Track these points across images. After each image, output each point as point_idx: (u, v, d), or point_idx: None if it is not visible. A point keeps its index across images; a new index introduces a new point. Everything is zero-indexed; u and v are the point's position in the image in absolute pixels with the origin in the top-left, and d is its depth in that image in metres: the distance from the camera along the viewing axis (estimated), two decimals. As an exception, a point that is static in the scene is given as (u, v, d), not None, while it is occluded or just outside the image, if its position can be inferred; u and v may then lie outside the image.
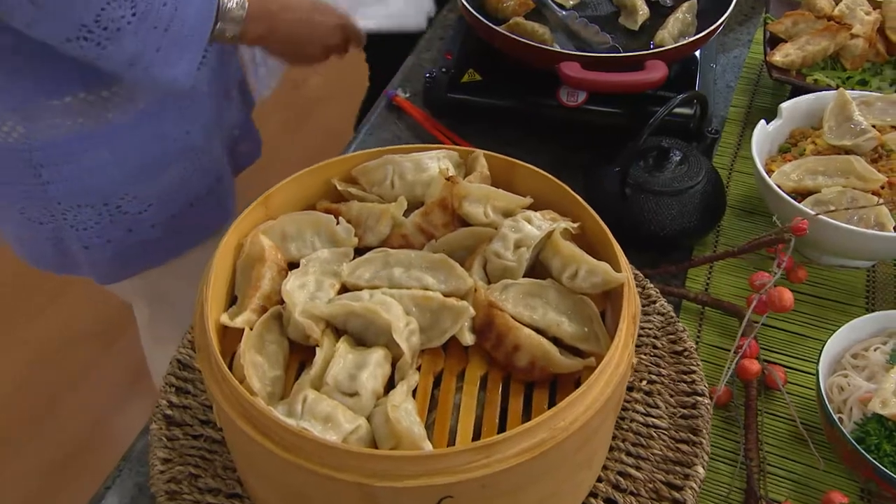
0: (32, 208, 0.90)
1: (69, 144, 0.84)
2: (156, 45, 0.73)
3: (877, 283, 0.91)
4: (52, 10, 0.67)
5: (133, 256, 0.97)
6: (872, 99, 0.92)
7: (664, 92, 1.02)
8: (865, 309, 0.88)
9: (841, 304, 0.89)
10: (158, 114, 0.89)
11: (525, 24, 1.04)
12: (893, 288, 0.90)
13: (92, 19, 0.68)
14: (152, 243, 0.97)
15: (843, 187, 0.83)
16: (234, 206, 1.10)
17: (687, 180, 0.91)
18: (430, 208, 0.63)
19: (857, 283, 0.90)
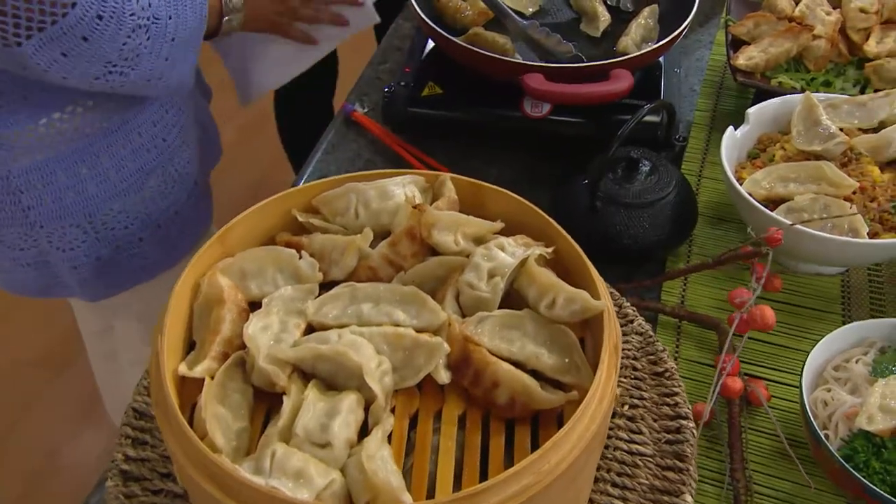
0: (11, 235, 0.90)
1: (47, 166, 0.84)
2: (166, 56, 0.78)
3: (851, 287, 0.91)
4: (83, 59, 0.72)
5: (124, 272, 0.97)
6: (839, 101, 0.93)
7: (630, 100, 1.02)
8: (842, 315, 0.88)
9: (818, 312, 0.89)
10: (133, 125, 0.89)
11: (485, 34, 1.03)
12: (868, 292, 0.90)
13: (116, 55, 0.73)
14: (142, 257, 0.97)
15: (815, 194, 0.83)
16: (212, 208, 1.10)
17: (657, 191, 0.91)
18: (397, 238, 0.60)
19: (832, 289, 0.91)
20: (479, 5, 1.06)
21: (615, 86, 0.89)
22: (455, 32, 1.07)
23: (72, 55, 0.70)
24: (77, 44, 0.70)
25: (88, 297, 0.99)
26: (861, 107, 0.92)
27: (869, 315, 0.88)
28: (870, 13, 1.03)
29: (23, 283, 0.96)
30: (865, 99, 0.92)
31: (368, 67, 1.28)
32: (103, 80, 0.75)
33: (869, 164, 0.86)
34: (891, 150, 0.86)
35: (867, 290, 0.90)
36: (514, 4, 1.12)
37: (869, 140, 0.87)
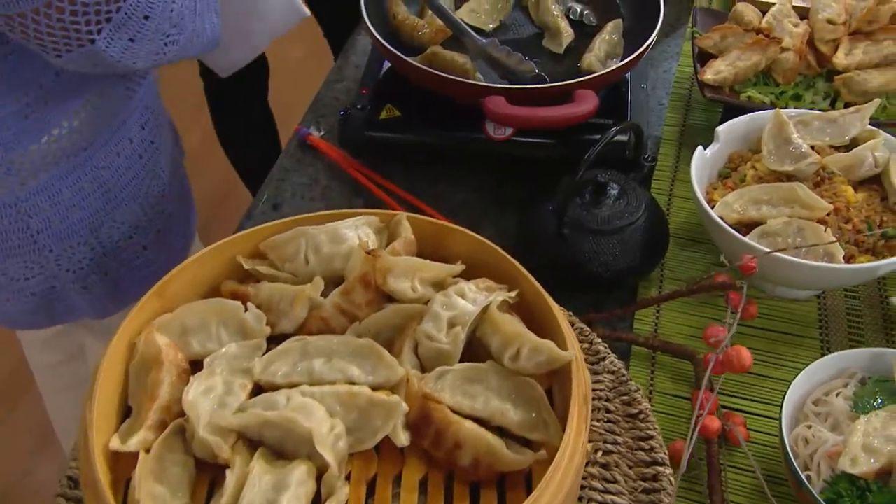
0: (17, 266, 0.88)
1: (53, 185, 0.84)
2: (195, 9, 0.76)
3: (829, 311, 0.89)
4: (146, 39, 0.71)
5: (132, 283, 0.97)
6: (810, 118, 0.91)
7: (597, 119, 0.99)
8: (820, 340, 0.86)
9: (795, 338, 0.87)
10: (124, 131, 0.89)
11: (443, 53, 1.00)
12: (846, 315, 0.89)
13: (168, 24, 0.72)
14: (146, 266, 0.98)
15: (788, 217, 0.81)
16: (195, 207, 1.11)
17: (626, 216, 0.88)
18: (350, 286, 0.57)
19: (808, 313, 0.89)
20: (437, 23, 1.04)
21: (580, 108, 0.87)
22: (412, 51, 1.05)
23: (138, 38, 0.71)
24: (141, 25, 0.70)
25: (99, 315, 0.99)
26: (832, 123, 0.90)
27: (847, 338, 0.87)
28: (837, 24, 1.02)
29: (24, 316, 0.95)
30: (836, 115, 0.90)
31: (325, 87, 1.24)
32: (162, 55, 0.75)
33: (842, 183, 0.85)
34: (864, 169, 0.85)
35: (844, 313, 0.89)
36: (474, 21, 1.09)
37: (841, 159, 0.85)
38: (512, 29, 1.13)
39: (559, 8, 1.08)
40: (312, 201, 1.05)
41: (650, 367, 0.85)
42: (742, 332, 0.87)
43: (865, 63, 1.00)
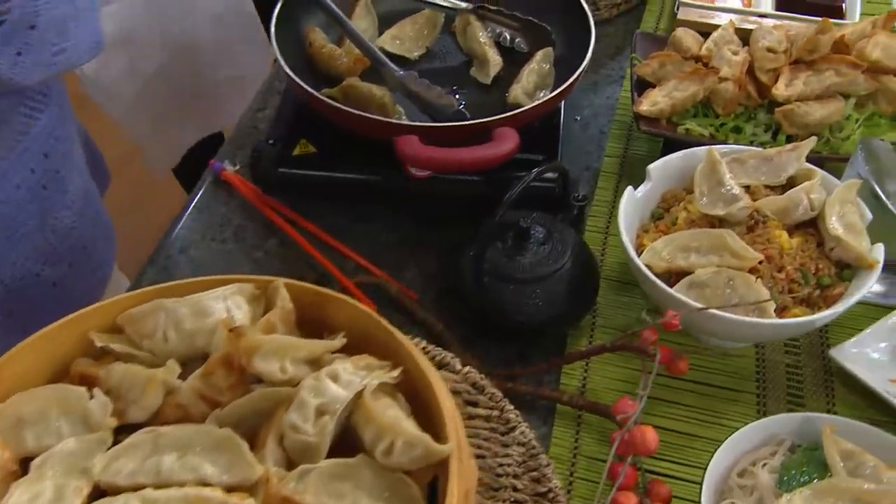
0: None
1: None
2: (76, 14, 0.73)
3: (767, 363, 0.85)
4: (34, 50, 0.69)
5: (43, 325, 0.92)
6: (745, 156, 0.88)
7: (524, 154, 0.95)
8: (756, 395, 0.82)
9: (731, 392, 0.83)
10: (24, 156, 0.84)
11: (360, 86, 0.95)
12: (785, 366, 0.85)
13: (54, 32, 0.70)
14: (57, 303, 0.92)
15: (717, 267, 0.77)
16: (114, 242, 1.09)
17: (551, 263, 0.84)
18: (210, 368, 0.52)
19: (746, 365, 0.85)
20: (355, 52, 0.99)
21: (498, 149, 0.83)
22: (330, 81, 1.00)
23: (25, 50, 0.69)
24: (27, 36, 0.68)
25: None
26: (768, 161, 0.87)
27: (785, 393, 0.83)
28: (778, 52, 0.99)
29: None
30: (772, 153, 0.87)
31: (245, 115, 1.19)
32: (53, 66, 0.73)
33: (776, 228, 0.81)
34: (799, 213, 0.81)
35: (783, 365, 0.85)
36: (397, 49, 1.05)
37: (775, 202, 0.81)
38: (440, 56, 1.08)
39: (487, 35, 1.04)
40: (223, 243, 1.00)
41: (576, 427, 0.81)
42: (673, 386, 0.83)
43: (807, 94, 0.96)
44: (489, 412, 0.68)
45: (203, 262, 0.96)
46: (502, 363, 0.87)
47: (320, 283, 0.68)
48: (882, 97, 0.97)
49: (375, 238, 1.00)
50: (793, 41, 1.00)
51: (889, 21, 1.02)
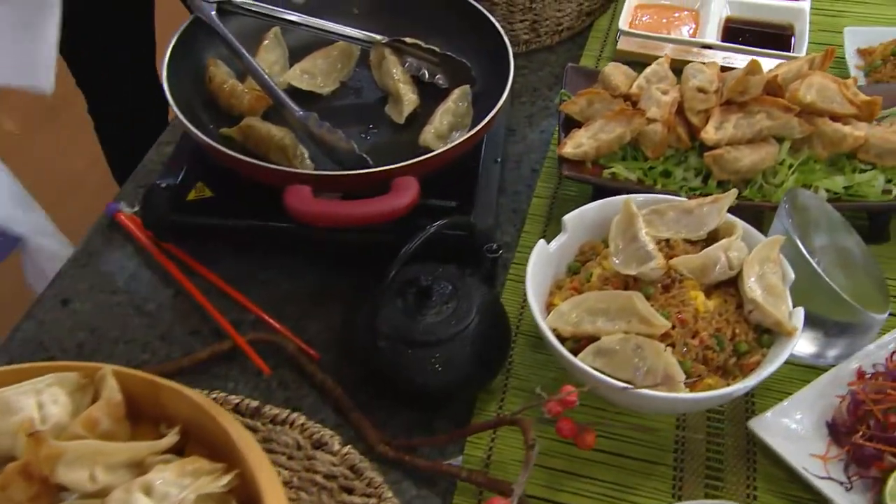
0: None
1: None
2: None
3: (687, 430, 0.82)
4: None
5: None
6: (665, 207, 0.85)
7: (437, 201, 0.92)
8: (673, 468, 0.79)
9: (647, 464, 0.79)
10: None
11: (259, 126, 0.91)
12: (705, 436, 0.82)
13: None
14: None
15: (625, 333, 0.74)
16: None
17: (454, 323, 0.80)
18: (7, 480, 0.48)
19: (664, 432, 0.82)
20: (258, 89, 0.95)
21: (394, 202, 0.79)
22: (233, 119, 0.96)
23: None
24: None
25: None
26: (688, 214, 0.84)
27: (704, 465, 0.79)
28: (709, 92, 0.96)
29: None
30: (693, 205, 0.84)
31: (153, 149, 1.15)
32: None
33: (693, 288, 0.78)
34: (716, 272, 0.78)
35: (704, 432, 0.82)
36: (306, 84, 1.01)
37: (691, 261, 0.78)
38: (354, 92, 1.05)
39: (403, 70, 1.00)
40: (112, 294, 0.95)
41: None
42: (584, 457, 0.80)
43: (737, 138, 0.93)
44: (365, 500, 0.64)
45: (85, 318, 0.92)
46: (404, 431, 0.83)
47: (216, 337, 0.64)
48: (818, 141, 0.94)
49: (279, 288, 0.96)
50: (725, 80, 0.97)
51: (826, 60, 1.00)
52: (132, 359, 0.89)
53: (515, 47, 1.29)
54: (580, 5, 1.32)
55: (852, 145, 0.92)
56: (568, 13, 1.31)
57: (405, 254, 0.77)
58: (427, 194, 0.92)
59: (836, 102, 0.95)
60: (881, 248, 0.97)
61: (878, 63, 1.17)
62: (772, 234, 0.84)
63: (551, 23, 1.31)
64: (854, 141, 0.91)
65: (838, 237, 0.87)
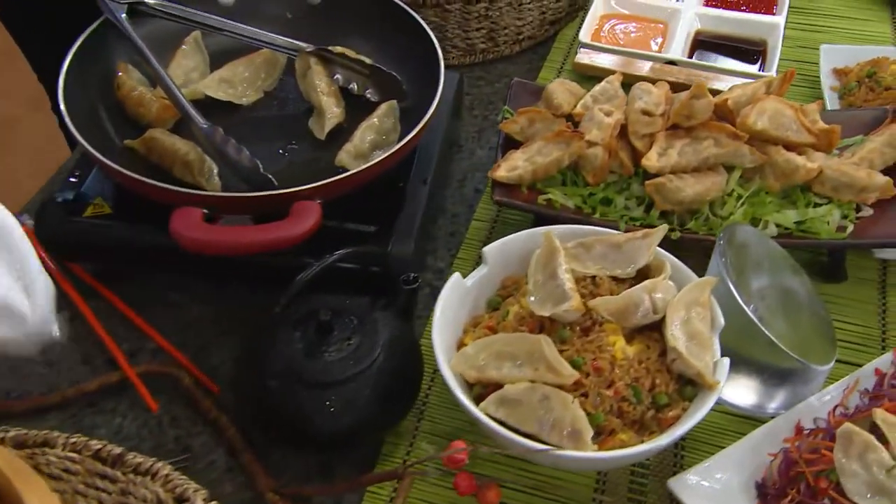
0: None
1: None
2: None
3: (608, 485, 0.78)
4: None
5: None
6: (592, 241, 0.81)
7: (354, 224, 0.88)
8: (588, 527, 0.75)
9: (561, 518, 0.76)
10: None
11: (164, 139, 0.88)
12: (627, 490, 0.78)
13: None
14: None
15: (531, 382, 0.70)
16: None
17: (354, 363, 0.76)
18: None
19: (583, 486, 0.78)
20: (165, 98, 0.91)
21: (290, 230, 0.75)
22: (139, 130, 0.93)
23: None
24: None
25: None
26: (616, 249, 0.80)
27: (623, 524, 0.75)
28: (655, 115, 0.92)
29: None
30: (621, 240, 0.80)
31: (73, 156, 1.11)
32: None
33: (613, 333, 0.74)
34: (638, 316, 0.74)
35: (626, 489, 0.78)
36: (224, 94, 0.97)
37: (611, 302, 0.74)
38: (279, 103, 1.01)
39: (327, 82, 0.96)
40: (3, 315, 0.91)
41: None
42: None
43: (682, 166, 0.89)
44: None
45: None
46: (302, 475, 0.79)
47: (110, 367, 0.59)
48: (770, 171, 0.90)
49: (188, 313, 0.93)
50: (671, 101, 0.93)
51: (785, 83, 0.96)
52: (14, 387, 0.85)
53: (471, 56, 1.27)
54: (543, 14, 1.29)
55: (805, 177, 0.88)
56: (529, 21, 1.28)
57: (299, 284, 0.73)
58: (345, 217, 0.88)
59: (792, 130, 0.91)
60: (840, 287, 0.93)
61: (853, 85, 1.13)
62: (708, 274, 0.79)
63: (511, 31, 1.27)
64: (807, 173, 0.87)
65: (782, 277, 0.83)
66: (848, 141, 0.97)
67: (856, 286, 0.94)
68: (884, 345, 0.88)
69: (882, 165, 0.93)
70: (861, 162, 0.92)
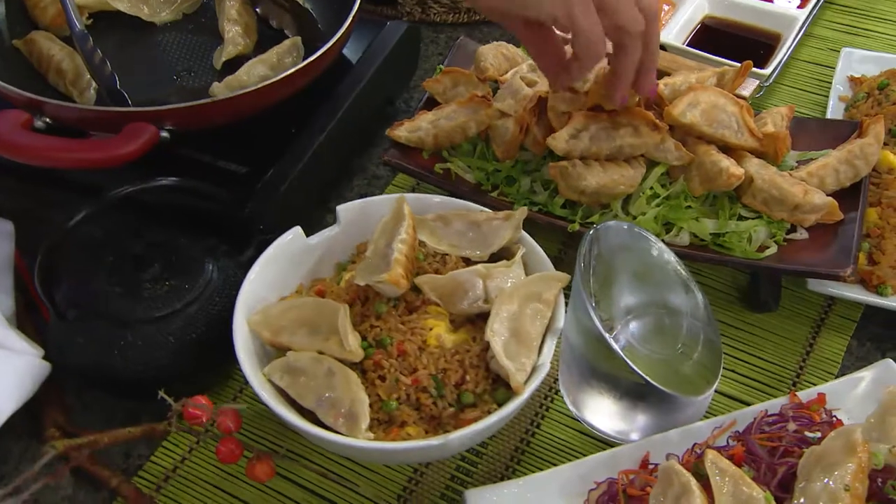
0: None
1: None
2: None
3: (420, 483, 0.75)
4: None
5: None
6: (451, 215, 0.77)
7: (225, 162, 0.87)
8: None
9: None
10: None
11: (42, 42, 0.90)
12: (442, 489, 0.74)
13: None
14: None
15: (320, 353, 0.68)
16: None
17: (161, 305, 0.75)
18: None
19: (391, 482, 0.75)
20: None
21: (109, 150, 0.74)
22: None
23: None
24: None
25: None
26: (475, 228, 0.76)
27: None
28: (579, 93, 0.87)
29: None
30: (481, 218, 0.76)
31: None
32: None
33: (436, 317, 0.70)
34: (467, 302, 0.70)
35: (442, 486, 0.74)
36: (133, 9, 0.98)
37: (437, 282, 0.70)
38: (195, 27, 1.01)
39: (242, 12, 0.96)
40: None
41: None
42: (280, 492, 0.74)
43: (592, 152, 0.84)
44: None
45: None
46: (103, 420, 0.79)
47: None
48: (696, 173, 0.84)
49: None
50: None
51: (740, 76, 0.89)
52: None
53: (455, 15, 1.24)
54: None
55: (726, 184, 0.81)
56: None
57: (104, 200, 0.72)
58: (220, 155, 0.88)
59: (731, 130, 0.85)
60: (770, 318, 0.86)
61: (861, 96, 1.04)
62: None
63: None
64: (728, 178, 0.81)
65: (670, 293, 0.77)
66: (814, 154, 0.90)
67: (788, 321, 0.87)
68: (795, 388, 0.82)
69: (835, 185, 0.85)
70: (810, 178, 0.85)
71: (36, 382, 0.75)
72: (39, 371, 0.75)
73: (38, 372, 0.75)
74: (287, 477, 0.74)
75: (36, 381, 0.75)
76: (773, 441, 0.70)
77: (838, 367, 0.83)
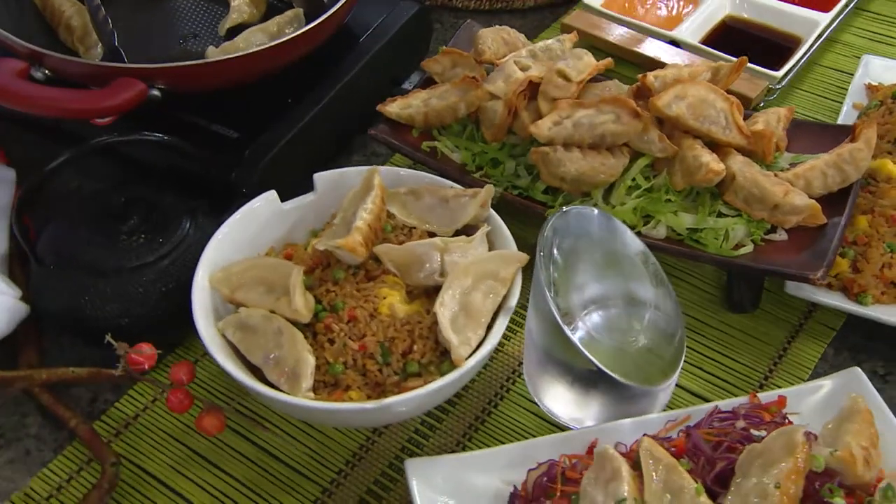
0: None
1: None
2: None
3: (377, 444, 0.77)
4: None
5: None
6: (422, 189, 0.79)
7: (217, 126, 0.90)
8: (323, 490, 0.75)
9: (300, 477, 0.75)
10: None
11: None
12: (396, 451, 0.76)
13: None
14: None
15: (271, 312, 0.70)
16: None
17: (134, 256, 0.78)
18: None
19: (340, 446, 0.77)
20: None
21: (95, 101, 0.78)
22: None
23: None
24: None
25: None
26: (443, 204, 0.78)
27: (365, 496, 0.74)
28: (571, 81, 0.88)
29: None
30: (450, 194, 0.78)
31: None
32: None
33: (392, 286, 0.72)
34: (423, 273, 0.72)
35: (395, 451, 0.76)
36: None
37: (394, 252, 0.72)
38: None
39: (253, -21, 0.99)
40: None
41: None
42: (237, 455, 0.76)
43: (575, 139, 0.85)
44: None
45: None
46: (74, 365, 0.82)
47: None
48: (679, 166, 0.84)
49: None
50: (593, 70, 0.89)
51: (735, 71, 0.89)
52: None
53: (476, 2, 1.25)
54: (569, -32, 1.25)
55: (705, 179, 0.81)
56: (550, -25, 1.25)
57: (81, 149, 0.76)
58: (214, 119, 0.91)
59: (718, 125, 0.85)
60: (748, 319, 0.86)
61: (874, 104, 1.03)
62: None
63: (526, -16, 1.25)
64: (707, 173, 0.81)
65: (636, 284, 0.77)
66: (809, 157, 0.89)
67: (766, 323, 0.86)
68: (760, 390, 0.81)
69: (823, 189, 0.85)
70: (796, 179, 0.84)
71: (12, 322, 0.79)
72: (16, 311, 0.79)
73: (14, 312, 0.79)
74: (241, 433, 0.77)
75: (12, 320, 0.79)
76: (718, 437, 0.70)
77: (809, 374, 0.82)
